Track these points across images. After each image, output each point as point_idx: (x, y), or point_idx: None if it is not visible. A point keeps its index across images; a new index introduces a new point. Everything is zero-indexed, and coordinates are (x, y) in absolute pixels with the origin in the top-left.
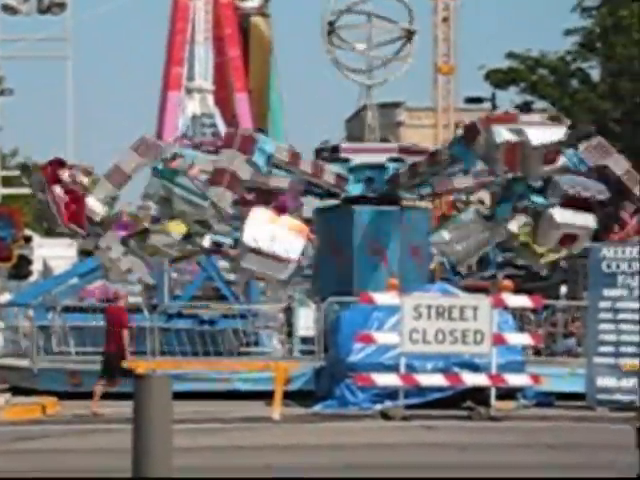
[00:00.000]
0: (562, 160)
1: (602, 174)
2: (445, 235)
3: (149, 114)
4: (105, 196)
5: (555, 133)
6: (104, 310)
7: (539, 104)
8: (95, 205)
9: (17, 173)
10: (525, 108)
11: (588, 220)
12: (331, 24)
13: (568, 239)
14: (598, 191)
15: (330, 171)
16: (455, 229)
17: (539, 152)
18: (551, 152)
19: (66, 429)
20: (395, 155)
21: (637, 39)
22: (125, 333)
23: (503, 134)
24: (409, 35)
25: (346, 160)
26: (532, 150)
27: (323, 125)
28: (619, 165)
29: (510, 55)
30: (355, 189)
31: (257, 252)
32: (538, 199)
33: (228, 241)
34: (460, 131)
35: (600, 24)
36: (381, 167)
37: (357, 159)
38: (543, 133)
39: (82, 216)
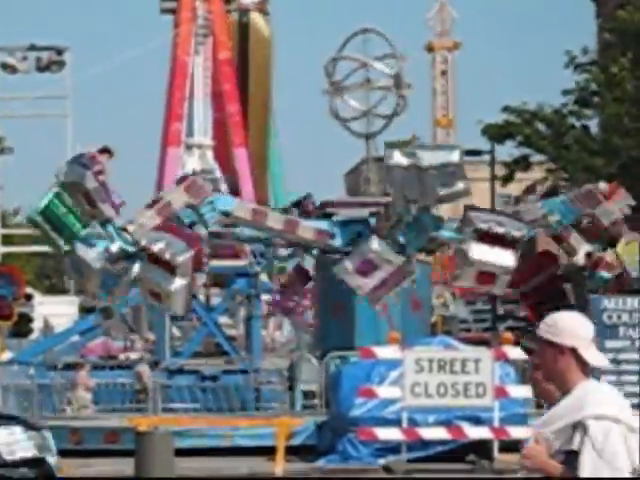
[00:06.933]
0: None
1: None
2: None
3: (149, 170)
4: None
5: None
6: None
7: (537, 157)
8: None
9: (17, 232)
10: (523, 161)
11: (505, 258)
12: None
13: (485, 277)
14: (515, 228)
15: (308, 227)
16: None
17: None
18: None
19: None
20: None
21: (629, 93)
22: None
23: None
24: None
25: (331, 215)
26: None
27: (325, 180)
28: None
29: (506, 109)
30: (342, 243)
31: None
32: (447, 234)
33: None
34: None
35: (594, 80)
36: (365, 221)
37: (342, 214)
38: (435, 155)
39: None
